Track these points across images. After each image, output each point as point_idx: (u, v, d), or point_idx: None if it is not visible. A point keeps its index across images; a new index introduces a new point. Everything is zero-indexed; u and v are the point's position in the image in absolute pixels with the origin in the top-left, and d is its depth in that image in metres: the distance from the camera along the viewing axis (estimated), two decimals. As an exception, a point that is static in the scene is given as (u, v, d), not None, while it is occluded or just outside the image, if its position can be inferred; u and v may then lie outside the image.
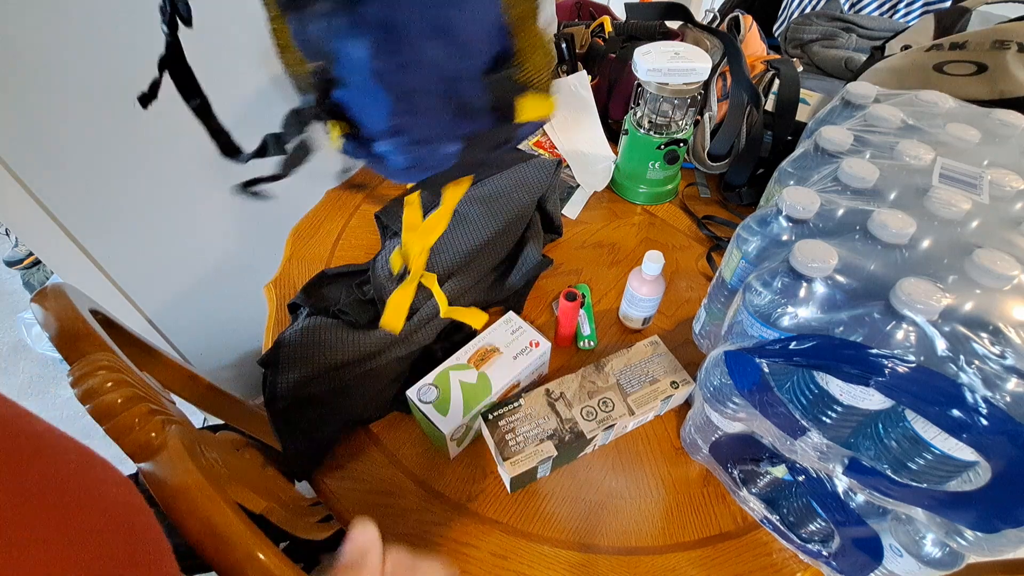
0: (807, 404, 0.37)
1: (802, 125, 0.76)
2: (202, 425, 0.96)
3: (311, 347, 0.55)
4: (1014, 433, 0.28)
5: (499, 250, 0.67)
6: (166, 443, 0.38)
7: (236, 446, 0.64)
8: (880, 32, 0.99)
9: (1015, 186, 0.39)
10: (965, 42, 0.68)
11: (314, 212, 0.83)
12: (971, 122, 0.45)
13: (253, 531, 0.35)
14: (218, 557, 0.34)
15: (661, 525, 0.50)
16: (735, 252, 0.47)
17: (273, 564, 0.34)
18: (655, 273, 0.57)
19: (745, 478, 0.50)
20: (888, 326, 0.32)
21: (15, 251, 1.76)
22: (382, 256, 0.68)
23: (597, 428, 0.51)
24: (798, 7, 1.16)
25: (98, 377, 0.37)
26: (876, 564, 0.42)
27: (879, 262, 0.35)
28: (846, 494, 0.42)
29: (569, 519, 0.51)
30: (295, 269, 0.74)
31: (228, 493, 0.37)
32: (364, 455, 0.55)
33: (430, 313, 0.61)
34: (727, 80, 0.86)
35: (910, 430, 0.33)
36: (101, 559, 0.19)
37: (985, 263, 0.32)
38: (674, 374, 0.55)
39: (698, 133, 0.84)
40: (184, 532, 0.35)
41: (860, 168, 0.41)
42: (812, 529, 0.46)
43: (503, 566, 0.48)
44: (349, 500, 0.52)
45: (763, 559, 0.49)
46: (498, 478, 0.53)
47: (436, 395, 0.52)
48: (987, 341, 0.30)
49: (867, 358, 0.31)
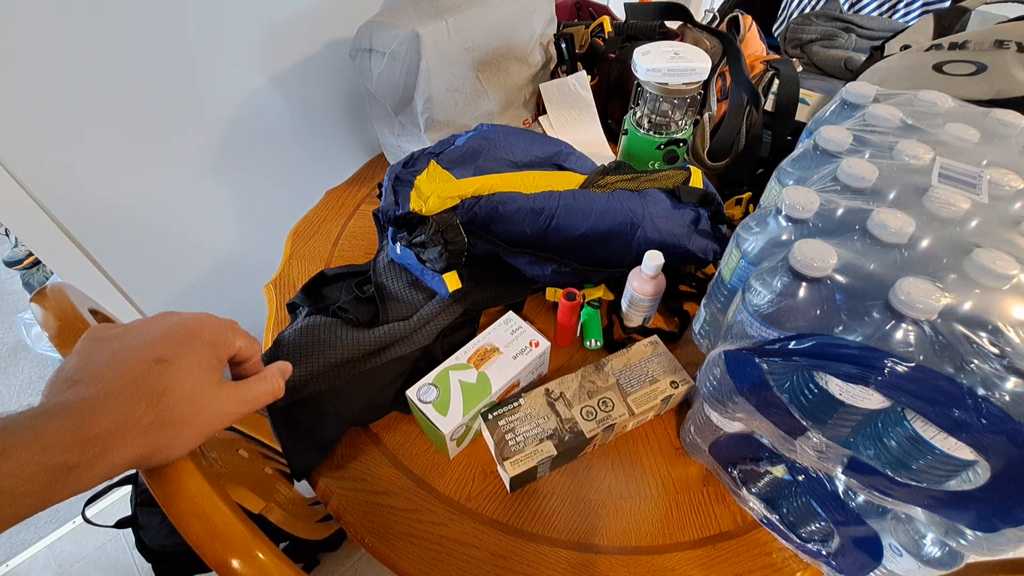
0: (806, 404, 0.37)
1: (801, 125, 0.76)
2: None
3: (310, 346, 0.55)
4: (1013, 432, 0.28)
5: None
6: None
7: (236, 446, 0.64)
8: (879, 32, 0.99)
9: (1014, 185, 0.39)
10: (964, 42, 0.68)
11: (314, 212, 0.83)
12: (970, 122, 0.45)
13: (252, 530, 0.35)
14: (217, 556, 0.34)
15: (661, 525, 0.50)
16: (734, 252, 0.47)
17: (272, 563, 0.34)
18: (655, 272, 0.57)
19: (745, 478, 0.50)
20: (887, 325, 0.32)
21: (15, 251, 1.76)
22: (382, 256, 0.68)
23: (597, 428, 0.51)
24: (797, 7, 1.16)
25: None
26: (876, 563, 0.42)
27: (878, 261, 0.35)
28: (846, 494, 0.42)
29: (569, 519, 0.51)
30: (295, 269, 0.74)
31: (227, 493, 0.37)
32: (364, 455, 0.55)
33: (430, 313, 0.61)
34: (727, 80, 0.86)
35: (909, 429, 0.33)
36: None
37: (984, 262, 0.32)
38: (674, 374, 0.55)
39: (697, 133, 0.84)
40: (183, 531, 0.35)
41: (859, 168, 0.41)
42: (812, 529, 0.46)
43: (503, 566, 0.48)
44: (349, 500, 0.52)
45: (763, 559, 0.49)
46: (498, 478, 0.53)
47: (436, 395, 0.52)
48: (986, 340, 0.30)
49: (866, 358, 0.31)
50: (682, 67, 0.69)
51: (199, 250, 1.02)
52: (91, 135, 0.80)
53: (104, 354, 0.33)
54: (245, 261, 1.10)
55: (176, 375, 0.33)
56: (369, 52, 0.75)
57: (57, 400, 0.30)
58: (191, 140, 0.90)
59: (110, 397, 0.31)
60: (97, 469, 0.30)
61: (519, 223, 0.59)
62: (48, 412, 0.29)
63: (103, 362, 0.33)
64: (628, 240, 0.62)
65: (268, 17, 0.86)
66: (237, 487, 0.53)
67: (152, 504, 0.84)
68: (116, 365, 0.32)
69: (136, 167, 0.86)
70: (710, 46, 0.88)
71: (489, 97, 0.83)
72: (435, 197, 0.57)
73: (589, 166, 0.69)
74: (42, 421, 0.29)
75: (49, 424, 0.29)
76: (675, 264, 0.66)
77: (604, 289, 0.67)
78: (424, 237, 0.56)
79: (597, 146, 0.90)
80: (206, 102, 0.88)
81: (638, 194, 0.63)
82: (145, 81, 0.80)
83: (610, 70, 0.90)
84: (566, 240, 0.61)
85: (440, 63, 0.73)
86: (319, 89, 0.99)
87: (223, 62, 0.86)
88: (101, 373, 0.32)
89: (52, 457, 0.28)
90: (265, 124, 0.96)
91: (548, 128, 0.91)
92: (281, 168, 1.04)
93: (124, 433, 0.30)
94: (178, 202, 0.95)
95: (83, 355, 0.33)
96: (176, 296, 1.03)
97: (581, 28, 0.94)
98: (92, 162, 0.82)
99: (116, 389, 0.31)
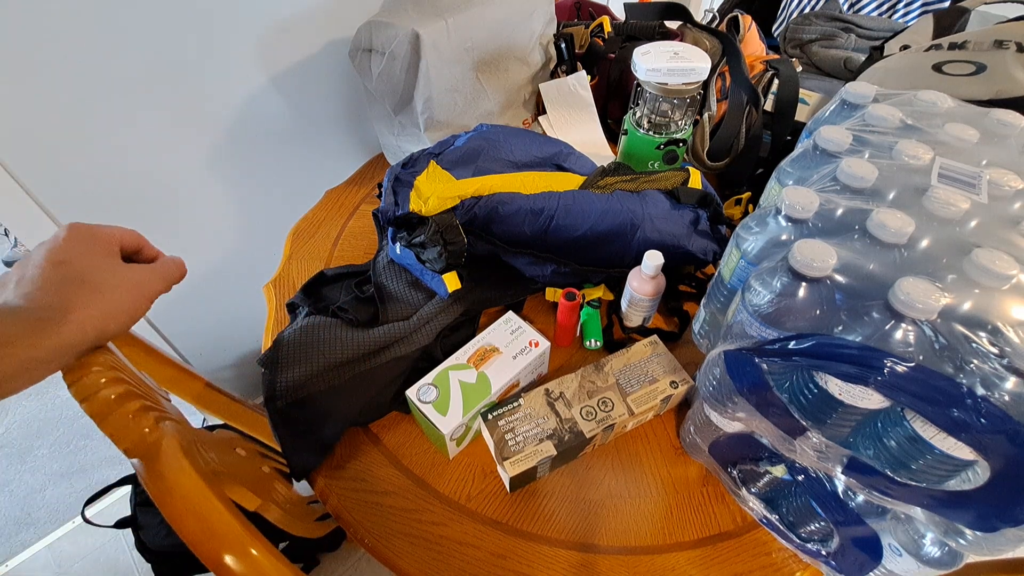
0: (806, 403, 0.37)
1: (801, 125, 0.76)
2: (201, 424, 0.96)
3: (310, 346, 0.55)
4: (1013, 432, 0.28)
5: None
6: (160, 440, 0.38)
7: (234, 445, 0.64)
8: (879, 32, 0.99)
9: (1014, 186, 0.39)
10: (964, 42, 0.68)
11: (313, 212, 0.83)
12: (970, 122, 0.45)
13: (248, 529, 0.35)
14: (213, 555, 0.34)
15: (661, 525, 0.50)
16: (734, 252, 0.47)
17: (268, 562, 0.34)
18: (655, 272, 0.57)
19: (745, 478, 0.50)
20: (887, 325, 0.32)
21: (15, 251, 1.76)
22: (382, 256, 0.68)
23: (597, 428, 0.51)
24: (797, 7, 1.16)
25: (92, 374, 0.37)
26: (875, 563, 0.42)
27: (878, 261, 0.35)
28: (845, 494, 0.42)
29: (569, 519, 0.51)
30: (294, 269, 0.74)
31: (224, 492, 0.37)
32: (364, 455, 0.55)
33: (430, 313, 0.61)
34: (726, 80, 0.86)
35: (909, 429, 0.33)
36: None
37: (984, 262, 0.32)
38: (673, 374, 0.55)
39: (697, 133, 0.84)
40: (179, 530, 0.35)
41: (859, 168, 0.41)
42: (811, 529, 0.46)
43: (503, 566, 0.48)
44: (348, 500, 0.52)
45: (762, 559, 0.49)
46: (498, 478, 0.53)
47: (436, 395, 0.52)
48: (986, 340, 0.30)
49: (866, 358, 0.31)
50: (682, 67, 0.69)
51: (199, 250, 1.02)
52: (91, 135, 0.80)
53: (11, 276, 0.37)
54: (245, 261, 1.10)
55: (79, 263, 0.38)
56: (369, 52, 0.75)
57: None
58: (191, 140, 0.90)
59: (37, 292, 0.35)
60: (55, 337, 0.35)
61: (519, 224, 0.59)
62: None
63: (16, 281, 0.36)
64: (628, 241, 0.62)
65: (268, 17, 0.86)
66: (234, 486, 0.53)
67: (152, 504, 0.84)
68: (30, 280, 0.36)
69: (136, 167, 0.86)
70: (710, 46, 0.88)
71: (489, 97, 0.83)
72: (435, 198, 0.57)
73: (589, 167, 0.69)
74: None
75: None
76: (675, 264, 0.66)
77: (604, 289, 0.67)
78: (424, 237, 0.56)
79: (597, 146, 0.90)
80: (206, 102, 0.88)
81: (637, 195, 0.63)
82: (145, 81, 0.80)
83: (610, 70, 0.90)
84: (566, 241, 0.61)
85: (440, 63, 0.73)
86: (319, 89, 0.99)
87: (223, 62, 0.86)
88: (23, 287, 0.36)
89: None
90: (265, 124, 0.96)
91: (548, 128, 0.91)
92: (281, 168, 1.04)
93: (66, 311, 0.35)
94: (178, 202, 0.95)
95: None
96: (175, 295, 1.02)
97: (581, 28, 0.94)
98: (92, 162, 0.82)
99: (41, 286, 0.35)
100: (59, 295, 0.36)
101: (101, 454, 1.39)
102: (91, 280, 0.37)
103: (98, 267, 0.39)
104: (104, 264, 0.39)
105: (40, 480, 1.35)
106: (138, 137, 0.84)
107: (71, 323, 0.35)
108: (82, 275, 0.37)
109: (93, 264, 0.38)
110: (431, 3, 0.75)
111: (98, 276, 0.38)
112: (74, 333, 0.36)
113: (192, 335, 1.12)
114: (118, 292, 0.39)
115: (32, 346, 0.33)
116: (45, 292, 0.35)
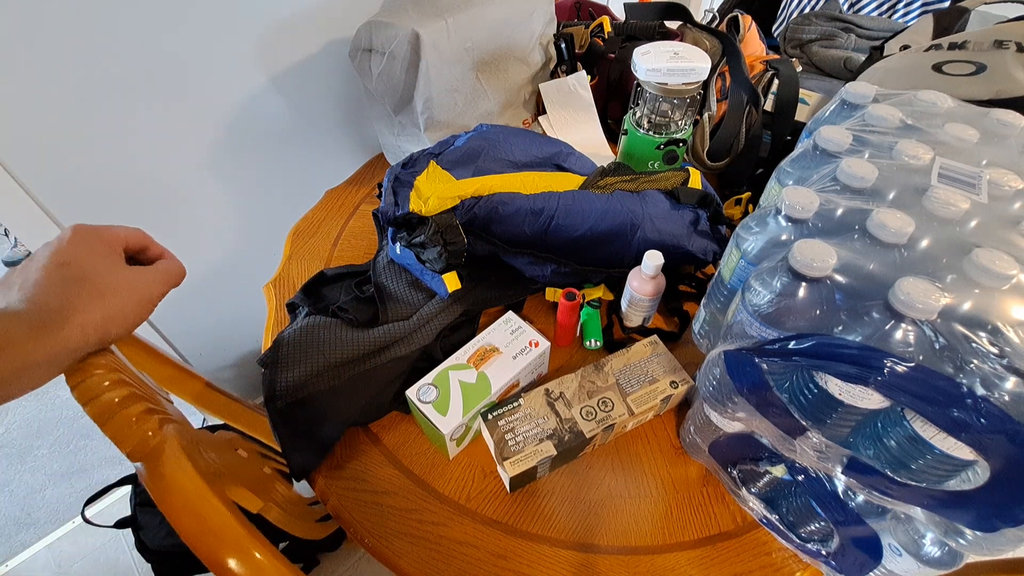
0: (806, 403, 0.37)
1: (801, 125, 0.76)
2: (201, 425, 0.96)
3: (310, 346, 0.55)
4: (1013, 432, 0.28)
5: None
6: (163, 442, 0.38)
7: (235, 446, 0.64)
8: (879, 32, 0.99)
9: (1014, 186, 0.39)
10: (964, 42, 0.68)
11: (313, 212, 0.83)
12: (970, 122, 0.45)
13: (249, 530, 0.35)
14: (213, 556, 0.34)
15: (661, 525, 0.50)
16: (734, 252, 0.47)
17: (269, 563, 0.34)
18: (655, 272, 0.57)
19: (745, 478, 0.50)
20: (887, 325, 0.32)
21: (15, 251, 1.77)
22: (382, 256, 0.68)
23: (596, 428, 0.51)
24: (797, 7, 1.16)
25: (95, 376, 0.37)
26: (875, 563, 0.42)
27: (878, 261, 0.35)
28: (845, 494, 0.42)
29: (569, 519, 0.51)
30: (294, 269, 0.74)
31: (225, 492, 0.37)
32: (364, 455, 0.55)
33: (430, 313, 0.61)
34: (726, 80, 0.86)
35: (909, 429, 0.33)
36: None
37: (984, 262, 0.32)
38: (673, 374, 0.55)
39: (697, 133, 0.84)
40: (180, 531, 0.35)
41: (859, 168, 0.41)
42: (811, 529, 0.46)
43: (503, 566, 0.48)
44: (348, 500, 0.52)
45: (762, 559, 0.49)
46: (498, 478, 0.53)
47: (435, 395, 0.52)
48: (986, 340, 0.30)
49: (866, 358, 0.31)
50: (682, 67, 0.69)
51: (199, 250, 1.02)
52: (91, 135, 0.80)
53: (15, 278, 0.37)
54: (245, 261, 1.10)
55: (82, 265, 0.38)
56: (369, 52, 0.75)
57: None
58: (191, 140, 0.90)
59: (39, 294, 0.35)
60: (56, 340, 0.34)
61: (519, 224, 0.59)
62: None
63: (19, 283, 0.36)
64: (628, 241, 0.62)
65: (268, 17, 0.86)
66: (235, 486, 0.53)
67: (152, 504, 0.84)
68: (33, 283, 0.36)
69: (136, 166, 0.86)
70: (710, 46, 0.88)
71: (489, 97, 0.83)
72: (435, 198, 0.57)
73: (589, 167, 0.69)
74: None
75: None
76: (675, 264, 0.66)
77: (604, 289, 0.67)
78: (424, 238, 0.56)
79: (597, 146, 0.90)
80: (206, 102, 0.88)
81: (637, 195, 0.63)
82: (145, 81, 0.80)
83: (610, 70, 0.90)
84: (566, 241, 0.61)
85: (440, 63, 0.73)
86: (319, 89, 0.99)
87: (223, 62, 0.86)
88: (26, 290, 0.35)
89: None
90: (265, 124, 0.96)
91: (548, 128, 0.91)
92: (281, 168, 1.04)
93: (68, 314, 0.35)
94: (178, 202, 0.95)
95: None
96: (175, 295, 1.02)
97: (581, 28, 0.94)
98: (92, 162, 0.82)
99: (44, 289, 0.35)
100: (61, 297, 0.35)
101: (101, 454, 1.39)
102: (94, 282, 0.37)
103: (101, 269, 0.38)
104: (107, 266, 0.39)
105: (40, 480, 1.35)
106: (138, 137, 0.84)
107: (73, 326, 0.35)
108: (85, 277, 0.37)
109: (96, 266, 0.38)
110: (431, 3, 0.75)
111: (101, 279, 0.38)
112: (75, 336, 0.35)
113: (192, 335, 1.12)
114: (121, 295, 0.39)
115: (32, 349, 0.33)
116: (47, 294, 0.35)
